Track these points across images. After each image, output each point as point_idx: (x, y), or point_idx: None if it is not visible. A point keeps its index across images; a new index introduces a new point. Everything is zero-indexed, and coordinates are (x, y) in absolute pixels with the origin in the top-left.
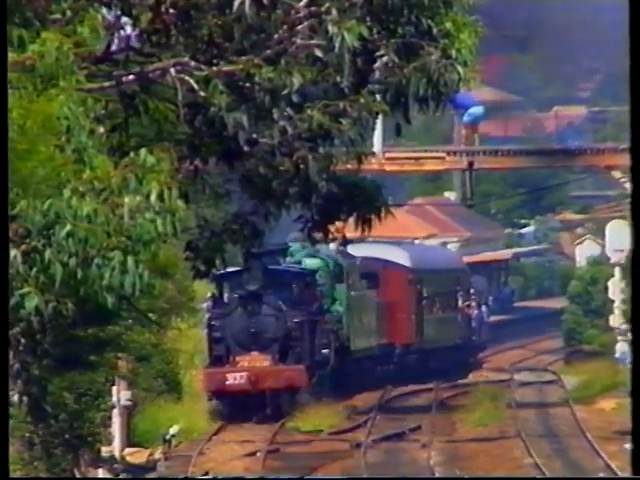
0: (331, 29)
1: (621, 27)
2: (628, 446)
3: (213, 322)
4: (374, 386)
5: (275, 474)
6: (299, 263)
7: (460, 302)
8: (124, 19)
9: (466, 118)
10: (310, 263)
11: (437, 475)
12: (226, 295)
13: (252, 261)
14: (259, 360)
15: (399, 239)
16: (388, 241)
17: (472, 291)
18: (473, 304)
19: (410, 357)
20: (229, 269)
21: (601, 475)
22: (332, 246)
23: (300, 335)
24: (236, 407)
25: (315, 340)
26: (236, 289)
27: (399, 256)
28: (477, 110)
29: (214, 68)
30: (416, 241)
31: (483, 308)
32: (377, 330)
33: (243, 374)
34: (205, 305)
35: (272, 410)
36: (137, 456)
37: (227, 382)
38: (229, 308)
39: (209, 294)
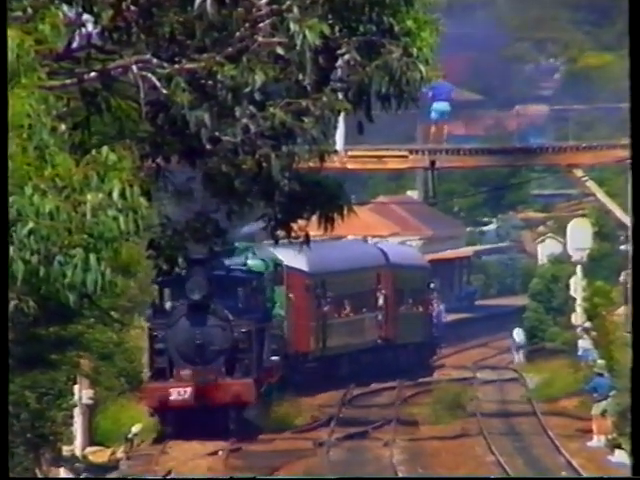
0: (293, 27)
1: (580, 25)
2: (590, 444)
3: (155, 333)
4: (292, 393)
5: (237, 473)
6: (243, 264)
7: (381, 300)
8: (85, 16)
9: (433, 115)
10: (254, 265)
11: (400, 474)
12: (168, 303)
13: (195, 268)
14: (205, 374)
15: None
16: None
17: (432, 286)
18: (433, 301)
19: (310, 366)
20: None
21: (563, 473)
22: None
23: (248, 346)
24: (180, 424)
25: (264, 349)
26: (178, 297)
27: (296, 260)
28: (442, 106)
29: (176, 66)
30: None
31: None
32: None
33: (188, 389)
34: (146, 313)
35: (219, 427)
36: (99, 455)
37: (171, 397)
38: (172, 318)
39: (149, 301)
